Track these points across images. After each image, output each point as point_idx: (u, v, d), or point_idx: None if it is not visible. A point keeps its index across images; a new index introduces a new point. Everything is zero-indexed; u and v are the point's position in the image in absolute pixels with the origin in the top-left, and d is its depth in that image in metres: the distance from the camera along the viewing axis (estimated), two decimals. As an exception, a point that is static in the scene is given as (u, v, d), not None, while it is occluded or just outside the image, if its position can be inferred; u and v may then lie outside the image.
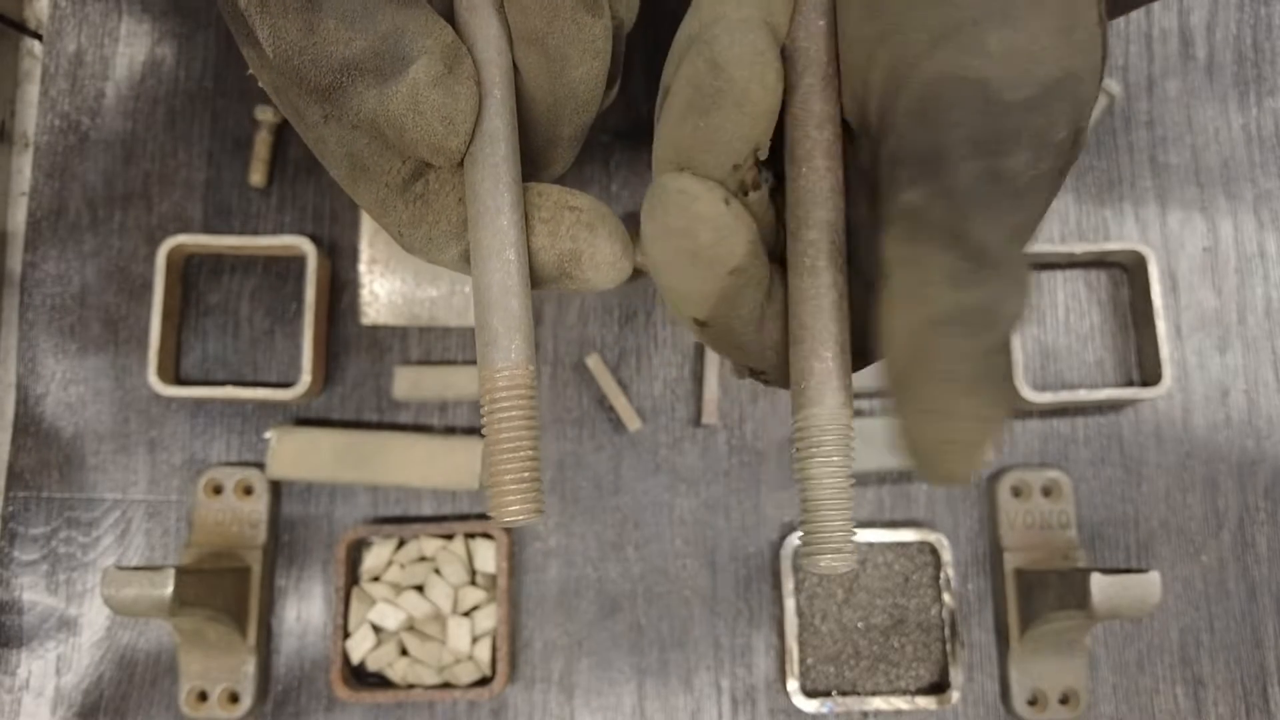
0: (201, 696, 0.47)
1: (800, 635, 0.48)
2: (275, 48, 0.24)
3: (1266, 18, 0.53)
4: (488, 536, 0.48)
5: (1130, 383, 0.50)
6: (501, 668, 0.46)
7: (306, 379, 0.48)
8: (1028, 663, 0.47)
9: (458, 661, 0.47)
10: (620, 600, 0.49)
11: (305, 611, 0.49)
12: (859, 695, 0.47)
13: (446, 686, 0.47)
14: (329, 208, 0.51)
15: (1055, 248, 0.49)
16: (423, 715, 0.48)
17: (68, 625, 0.48)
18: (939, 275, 0.22)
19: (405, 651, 0.47)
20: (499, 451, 0.24)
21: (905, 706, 0.47)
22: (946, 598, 0.48)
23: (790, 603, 0.47)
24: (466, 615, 0.47)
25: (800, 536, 0.24)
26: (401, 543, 0.48)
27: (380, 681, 0.48)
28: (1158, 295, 0.49)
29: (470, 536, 0.48)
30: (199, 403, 0.50)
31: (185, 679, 0.47)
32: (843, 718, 0.47)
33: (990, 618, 0.48)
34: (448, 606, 0.47)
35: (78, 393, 0.50)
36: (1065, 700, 0.47)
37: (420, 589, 0.47)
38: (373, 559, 0.48)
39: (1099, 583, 0.41)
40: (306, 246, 0.49)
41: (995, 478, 0.49)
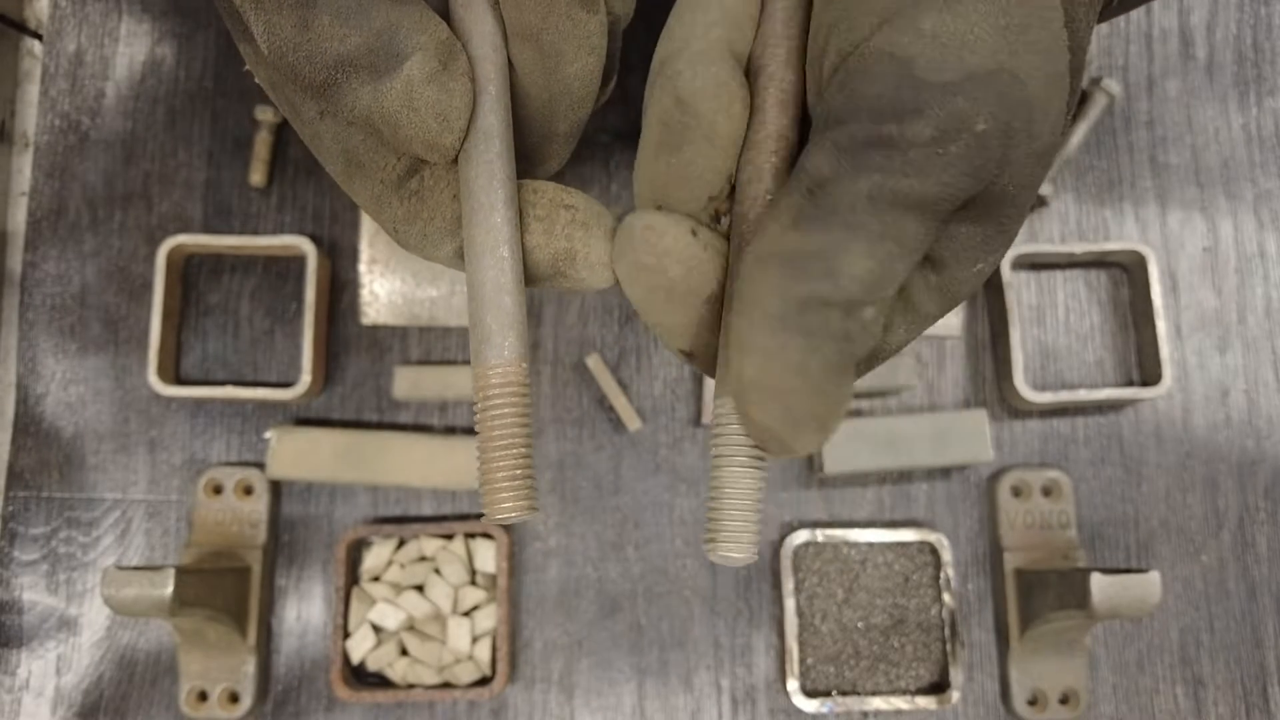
0: (201, 696, 0.47)
1: (800, 635, 0.48)
2: (270, 44, 0.24)
3: (1266, 18, 0.53)
4: (488, 536, 0.48)
5: (1130, 383, 0.50)
6: (501, 668, 0.46)
7: (306, 379, 0.48)
8: (1028, 663, 0.47)
9: (458, 661, 0.47)
10: (620, 600, 0.49)
11: (305, 611, 0.49)
12: (859, 695, 0.47)
13: (446, 686, 0.47)
14: (329, 208, 0.51)
15: (1055, 248, 0.49)
16: (423, 715, 0.48)
17: (68, 625, 0.48)
18: (786, 215, 0.22)
19: (405, 651, 0.47)
20: (492, 449, 0.24)
21: (905, 706, 0.47)
22: (946, 598, 0.48)
23: (790, 603, 0.47)
24: (466, 615, 0.47)
25: (706, 524, 0.25)
26: (401, 543, 0.48)
27: (380, 681, 0.48)
28: (1158, 295, 0.49)
29: (470, 536, 0.48)
30: (199, 403, 0.50)
31: (185, 679, 0.47)
32: (843, 718, 0.47)
33: (990, 618, 0.48)
34: (448, 606, 0.47)
35: (78, 393, 0.50)
36: (1065, 700, 0.47)
37: (420, 589, 0.47)
38: (373, 559, 0.48)
39: (1099, 583, 0.41)
40: (306, 246, 0.49)
41: (995, 478, 0.49)
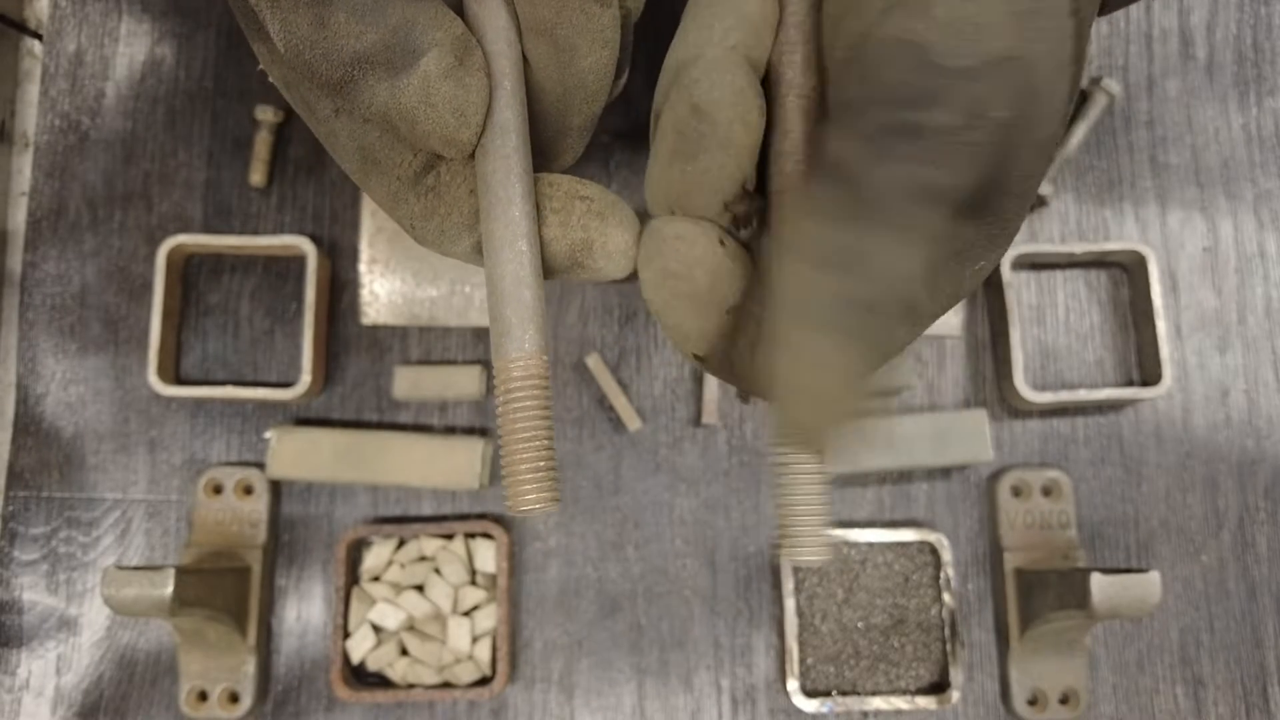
0: (201, 696, 0.47)
1: (800, 635, 0.48)
2: (286, 42, 0.24)
3: (1266, 18, 0.53)
4: (488, 536, 0.48)
5: (1130, 383, 0.50)
6: (501, 668, 0.46)
7: (306, 379, 0.48)
8: (1028, 663, 0.47)
9: (458, 661, 0.47)
10: (620, 600, 0.49)
11: (305, 611, 0.49)
12: (859, 695, 0.47)
13: (446, 686, 0.47)
14: (329, 208, 0.51)
15: (1055, 248, 0.49)
16: (423, 715, 0.48)
17: (68, 625, 0.48)
18: (820, 210, 0.22)
19: (405, 651, 0.47)
20: (515, 441, 0.24)
21: (905, 706, 0.47)
22: (946, 598, 0.48)
23: (790, 603, 0.47)
24: (466, 615, 0.47)
25: (777, 531, 0.25)
26: (401, 542, 0.48)
27: (380, 681, 0.48)
28: (1158, 295, 0.49)
29: (470, 536, 0.48)
30: (199, 403, 0.50)
31: (185, 679, 0.47)
32: (843, 718, 0.47)
33: (990, 618, 0.48)
34: (448, 606, 0.47)
35: (78, 393, 0.50)
36: (1065, 700, 0.47)
37: (420, 589, 0.47)
38: (373, 559, 0.48)
39: (1099, 583, 0.41)
40: (306, 246, 0.49)
41: (995, 478, 0.49)
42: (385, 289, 0.49)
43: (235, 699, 0.47)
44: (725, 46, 0.24)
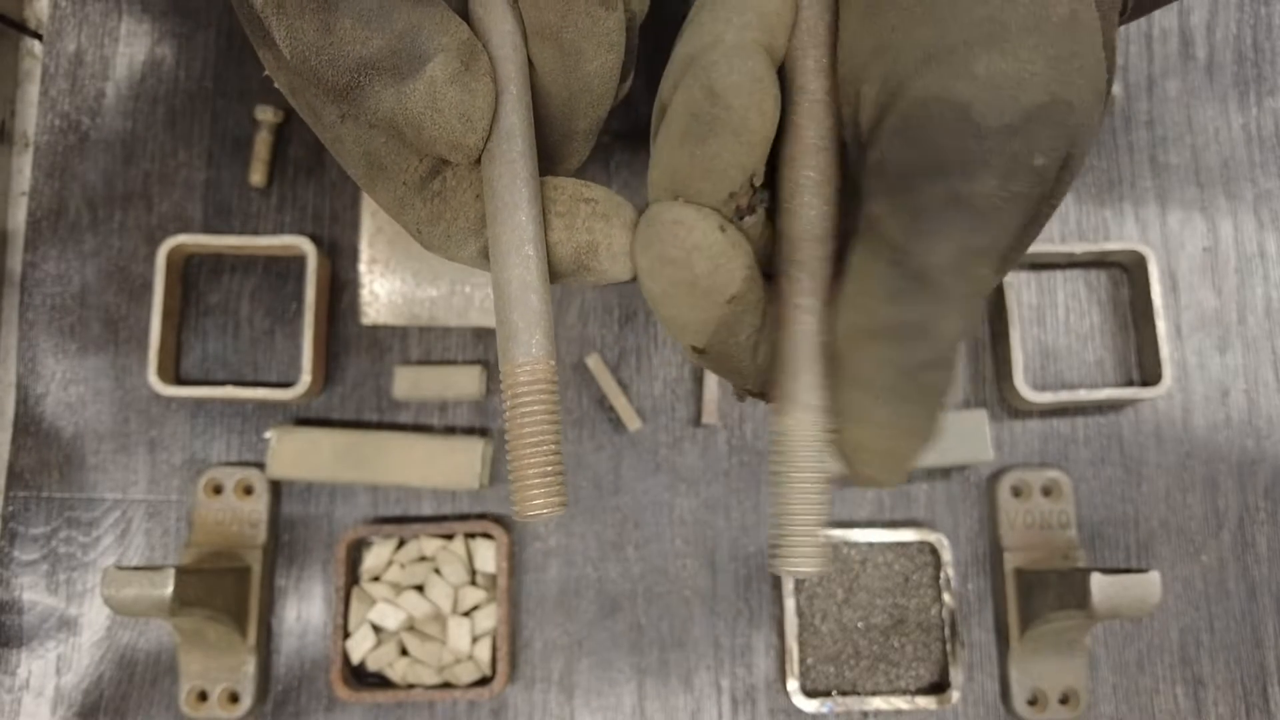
0: (201, 696, 0.47)
1: (800, 635, 0.48)
2: (292, 48, 0.24)
3: (1266, 18, 0.53)
4: (488, 536, 0.48)
5: (1130, 383, 0.50)
6: (501, 668, 0.46)
7: (306, 379, 0.48)
8: (1028, 663, 0.47)
9: (458, 661, 0.47)
10: (620, 600, 0.49)
11: (305, 611, 0.49)
12: (859, 695, 0.47)
13: (446, 686, 0.47)
14: (329, 208, 0.51)
15: (1055, 248, 0.49)
16: (423, 715, 0.48)
17: (68, 625, 0.48)
18: (878, 288, 0.23)
19: (405, 651, 0.47)
20: (522, 446, 0.24)
21: (905, 706, 0.47)
22: (946, 598, 0.48)
23: (790, 603, 0.47)
24: (466, 615, 0.47)
25: (770, 539, 0.25)
26: (401, 543, 0.48)
27: (380, 681, 0.48)
28: (1158, 295, 0.49)
29: (470, 536, 0.48)
30: (199, 403, 0.50)
31: (185, 679, 0.47)
32: (843, 718, 0.47)
33: (990, 618, 0.48)
34: (448, 606, 0.47)
35: (78, 393, 0.50)
36: (1065, 700, 0.47)
37: (420, 589, 0.47)
38: (373, 559, 0.48)
39: (1099, 583, 0.41)
40: (306, 246, 0.49)
41: (995, 478, 0.49)
42: (385, 289, 0.49)
43: (235, 699, 0.47)
44: (744, 36, 0.24)
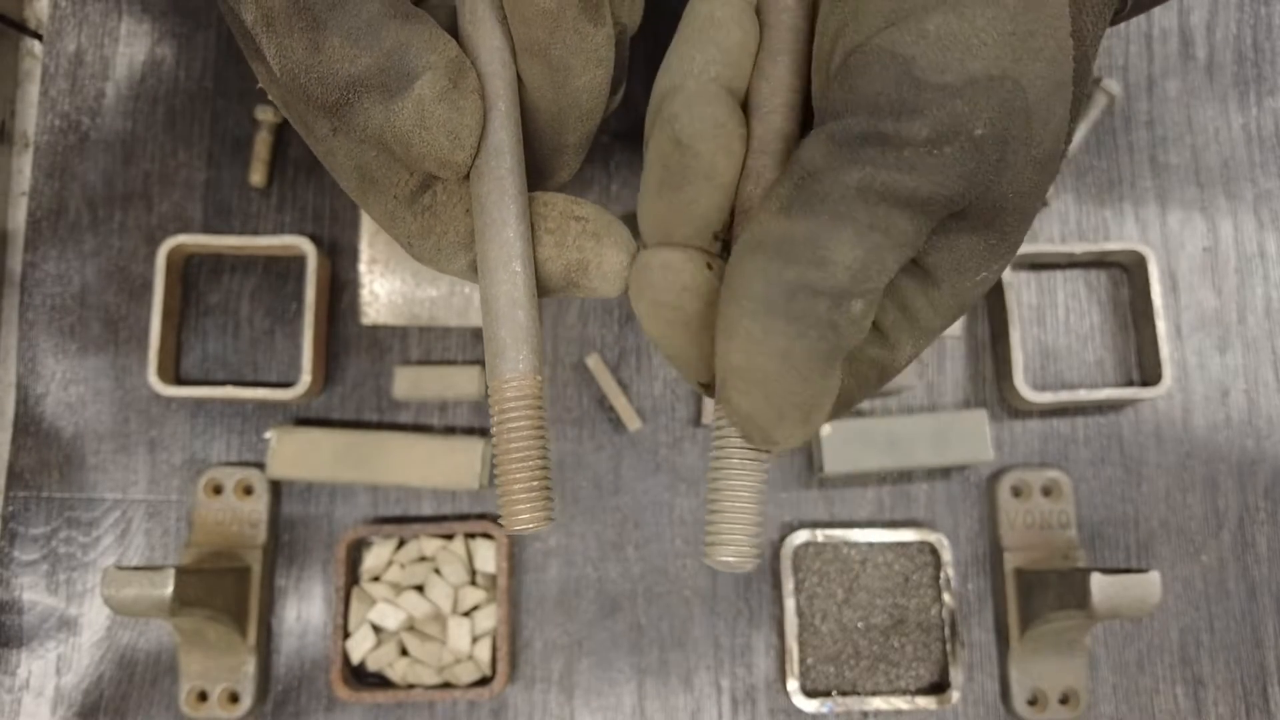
0: (201, 696, 0.47)
1: (800, 635, 0.48)
2: (282, 65, 0.24)
3: (1266, 18, 0.53)
4: (488, 536, 0.48)
5: (1130, 383, 0.50)
6: (501, 668, 0.46)
7: (306, 379, 0.48)
8: (1028, 663, 0.47)
9: (458, 661, 0.47)
10: (620, 600, 0.49)
11: (305, 611, 0.49)
12: (859, 695, 0.47)
13: (446, 686, 0.47)
14: (329, 208, 0.51)
15: (1055, 248, 0.49)
16: (423, 715, 0.48)
17: (68, 625, 0.48)
18: (774, 201, 0.22)
19: (405, 651, 0.47)
20: (509, 461, 0.24)
21: (905, 706, 0.47)
22: (946, 598, 0.48)
23: (790, 603, 0.47)
24: (466, 615, 0.47)
25: (705, 531, 0.24)
26: (401, 543, 0.48)
27: (380, 681, 0.48)
28: (1158, 295, 0.49)
29: (470, 536, 0.48)
30: (199, 403, 0.50)
31: (185, 679, 0.47)
32: (843, 718, 0.47)
33: (990, 618, 0.48)
34: (448, 606, 0.47)
35: (78, 393, 0.50)
36: (1065, 700, 0.47)
37: (420, 589, 0.47)
38: (373, 559, 0.48)
39: (1099, 583, 0.41)
40: (306, 246, 0.49)
41: (995, 478, 0.49)
42: (385, 289, 0.49)
43: (235, 699, 0.47)
44: (705, 79, 0.24)
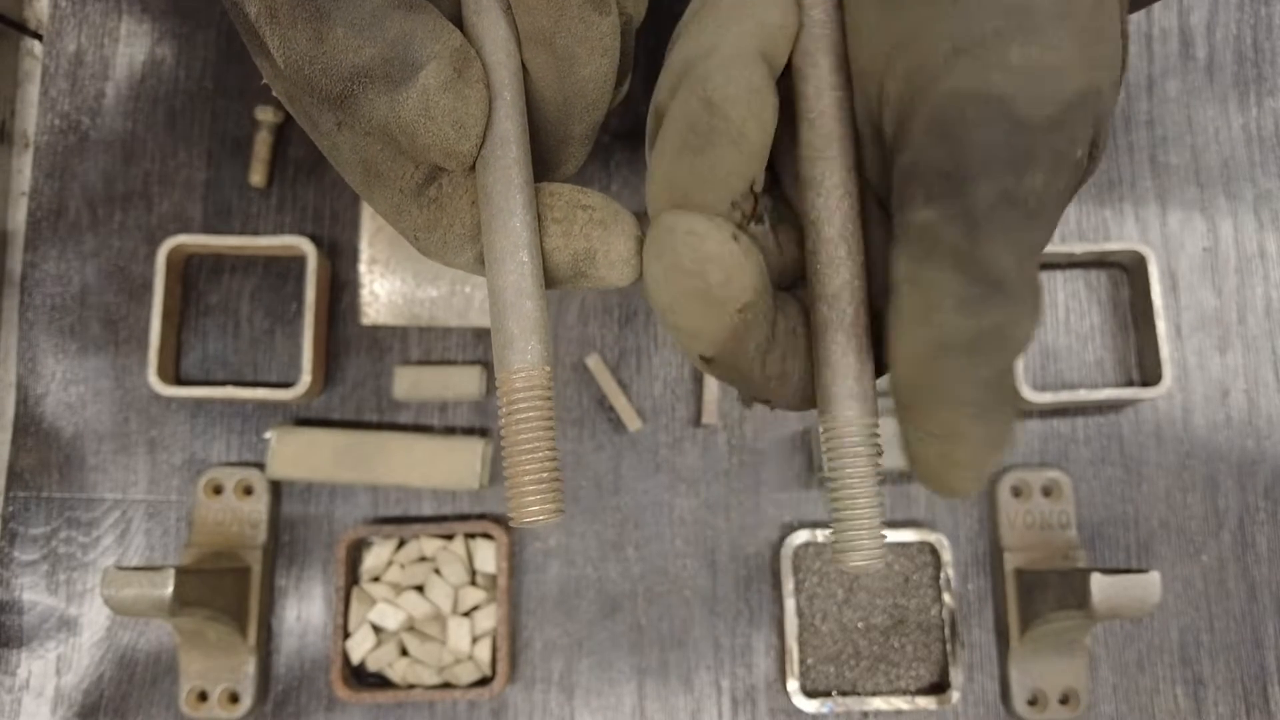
0: (201, 696, 0.47)
1: (800, 635, 0.48)
2: (286, 58, 0.24)
3: (1266, 18, 0.53)
4: (488, 536, 0.48)
5: (1130, 383, 0.50)
6: (501, 668, 0.46)
7: (306, 379, 0.48)
8: (1028, 663, 0.47)
9: (458, 661, 0.47)
10: (620, 600, 0.49)
11: (305, 611, 0.49)
12: (859, 695, 0.47)
13: (446, 686, 0.47)
14: (329, 208, 0.51)
15: (1055, 248, 0.49)
16: (423, 715, 0.48)
17: (68, 625, 0.48)
18: (949, 299, 0.22)
19: (405, 651, 0.47)
20: (517, 453, 0.24)
21: (905, 706, 0.47)
22: (946, 598, 0.48)
23: (790, 603, 0.47)
24: (466, 615, 0.47)
25: (832, 536, 0.25)
26: (401, 543, 0.48)
27: (380, 681, 0.48)
28: (1158, 295, 0.49)
29: (470, 536, 0.48)
30: (199, 403, 0.50)
31: (185, 679, 0.47)
32: (843, 718, 0.47)
33: (990, 618, 0.48)
34: (448, 606, 0.47)
35: (78, 393, 0.50)
36: (1065, 700, 0.47)
37: (420, 589, 0.47)
38: (373, 559, 0.48)
39: (1099, 583, 0.41)
40: (306, 246, 0.49)
41: (995, 478, 0.49)
42: (385, 289, 0.49)
43: (235, 699, 0.47)
44: (741, 45, 0.23)
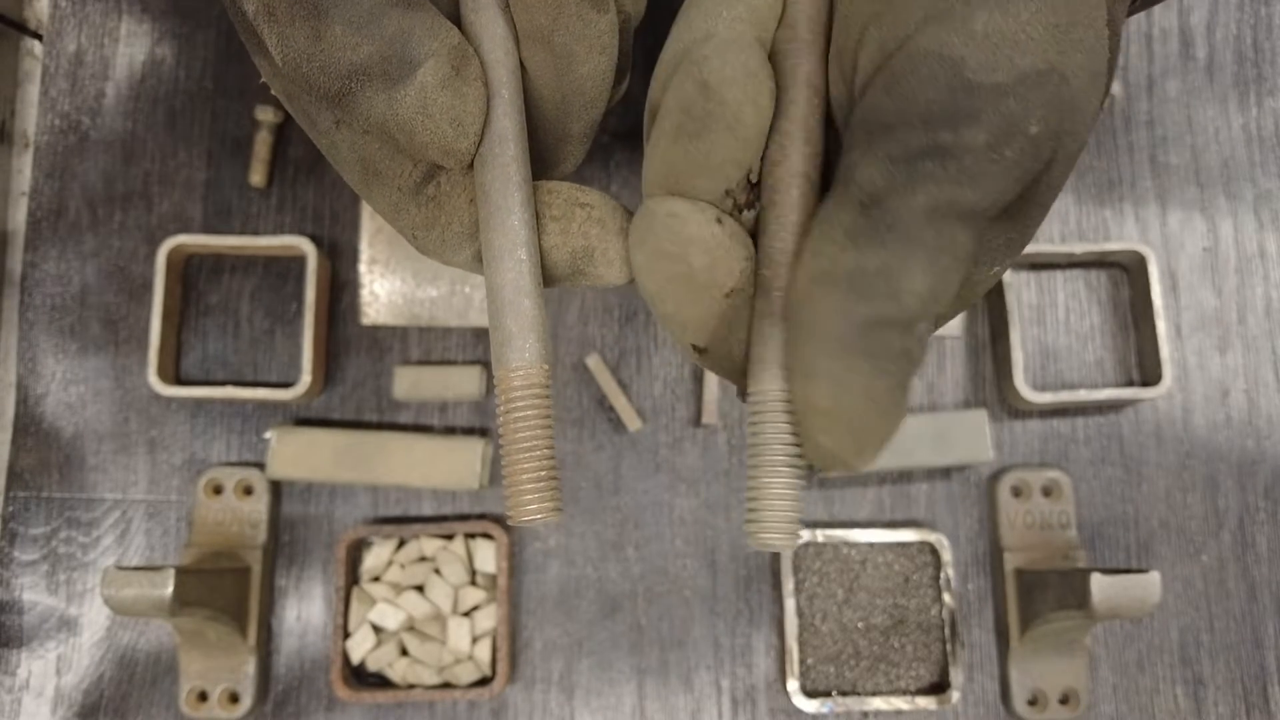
0: (201, 696, 0.47)
1: (800, 635, 0.48)
2: (284, 55, 0.24)
3: (1266, 18, 0.53)
4: (488, 536, 0.48)
5: (1130, 383, 0.50)
6: (501, 668, 0.46)
7: (306, 379, 0.48)
8: (1028, 663, 0.47)
9: (458, 661, 0.47)
10: (620, 600, 0.49)
11: (305, 611, 0.49)
12: (859, 695, 0.47)
13: (446, 686, 0.47)
14: (329, 208, 0.51)
15: (1055, 248, 0.49)
16: (423, 715, 0.48)
17: (68, 625, 0.48)
18: (839, 232, 0.21)
19: (405, 651, 0.47)
20: (516, 451, 0.24)
21: (905, 706, 0.47)
22: (946, 598, 0.48)
23: (790, 603, 0.47)
24: (466, 615, 0.47)
25: (746, 512, 0.24)
26: (401, 543, 0.48)
27: (380, 681, 0.48)
28: (1158, 295, 0.49)
29: (470, 536, 0.48)
30: (199, 403, 0.50)
31: (185, 679, 0.47)
32: (843, 718, 0.47)
33: (990, 618, 0.48)
34: (448, 606, 0.47)
35: (78, 393, 0.50)
36: (1065, 700, 0.47)
37: (420, 589, 0.47)
38: (373, 559, 0.48)
39: (1099, 583, 0.41)
40: (306, 246, 0.49)
41: (995, 478, 0.49)
42: (385, 289, 0.49)
43: (235, 699, 0.47)
44: (736, 30, 0.23)
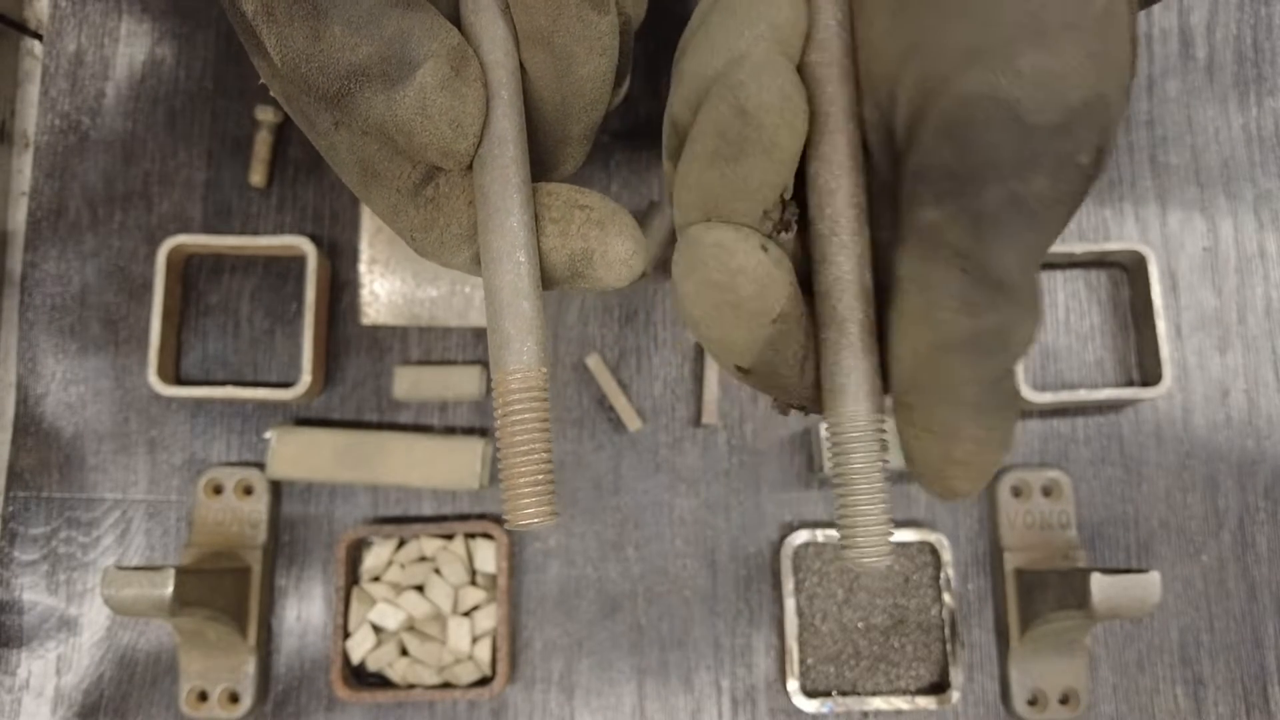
0: (201, 696, 0.47)
1: (800, 635, 0.48)
2: (282, 56, 0.24)
3: (1266, 18, 0.53)
4: (488, 536, 0.48)
5: (1130, 383, 0.50)
6: (501, 668, 0.46)
7: (306, 379, 0.48)
8: (1028, 663, 0.47)
9: (458, 661, 0.47)
10: (620, 600, 0.49)
11: (305, 611, 0.49)
12: (859, 695, 0.47)
13: (446, 686, 0.47)
14: (329, 208, 0.51)
15: (1055, 247, 0.49)
16: (423, 715, 0.48)
17: (68, 625, 0.48)
18: (952, 299, 0.22)
19: (405, 651, 0.47)
20: (513, 455, 0.24)
21: (905, 706, 0.47)
22: (946, 598, 0.48)
23: (790, 603, 0.47)
24: (466, 615, 0.47)
25: (839, 535, 0.25)
26: (401, 543, 0.48)
27: (380, 681, 0.48)
28: (1158, 295, 0.49)
29: (470, 536, 0.48)
30: (199, 403, 0.50)
31: (185, 679, 0.47)
32: (843, 718, 0.47)
33: (990, 618, 0.48)
34: (448, 606, 0.47)
35: (78, 393, 0.50)
36: (1065, 700, 0.47)
37: (420, 589, 0.47)
38: (373, 559, 0.48)
39: (1099, 583, 0.41)
40: (306, 246, 0.49)
41: (995, 478, 0.49)
42: (385, 289, 0.49)
43: (235, 699, 0.47)
44: (769, 52, 0.23)
